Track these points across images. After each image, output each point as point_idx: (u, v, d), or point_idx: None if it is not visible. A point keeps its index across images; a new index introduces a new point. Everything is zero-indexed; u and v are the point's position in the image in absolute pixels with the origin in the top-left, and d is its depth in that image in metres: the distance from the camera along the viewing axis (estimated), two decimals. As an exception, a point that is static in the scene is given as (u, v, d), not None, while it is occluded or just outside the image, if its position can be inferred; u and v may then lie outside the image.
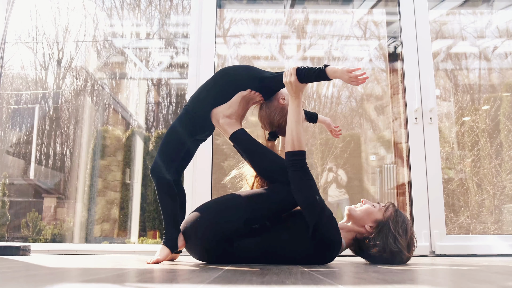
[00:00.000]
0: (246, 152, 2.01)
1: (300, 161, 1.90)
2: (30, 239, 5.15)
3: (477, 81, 4.54)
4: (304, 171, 1.90)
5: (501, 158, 4.26)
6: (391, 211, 2.00)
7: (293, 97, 1.92)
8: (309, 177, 1.89)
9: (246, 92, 2.04)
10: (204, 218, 1.89)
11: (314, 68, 1.88)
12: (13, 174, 5.57)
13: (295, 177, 1.89)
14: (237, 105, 2.04)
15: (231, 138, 2.03)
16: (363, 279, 1.18)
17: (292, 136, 1.92)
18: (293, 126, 1.93)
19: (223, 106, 2.05)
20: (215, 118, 2.05)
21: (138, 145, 5.61)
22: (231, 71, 2.14)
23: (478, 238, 3.20)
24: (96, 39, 5.61)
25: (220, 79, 2.11)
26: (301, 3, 3.79)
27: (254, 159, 2.00)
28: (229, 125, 2.02)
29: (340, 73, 1.83)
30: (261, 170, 2.00)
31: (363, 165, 4.66)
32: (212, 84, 2.11)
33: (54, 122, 5.95)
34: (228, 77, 2.10)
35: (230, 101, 2.05)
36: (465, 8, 3.91)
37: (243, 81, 2.06)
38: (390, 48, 3.70)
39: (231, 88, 2.06)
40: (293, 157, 1.91)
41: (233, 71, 2.14)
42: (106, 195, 5.39)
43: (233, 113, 2.04)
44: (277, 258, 1.92)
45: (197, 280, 1.13)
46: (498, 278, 1.23)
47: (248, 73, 2.09)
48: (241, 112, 2.07)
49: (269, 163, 1.97)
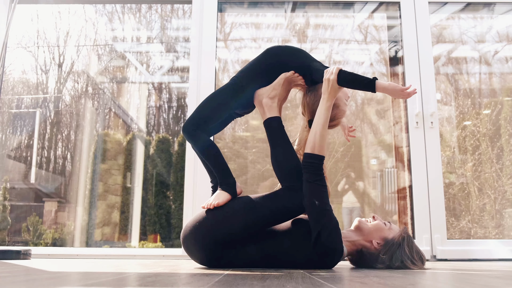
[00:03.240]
0: (270, 141, 2.01)
1: (317, 165, 1.90)
2: (30, 243, 5.15)
3: (477, 86, 4.54)
4: (319, 175, 1.89)
5: (502, 163, 4.25)
6: (403, 234, 1.96)
7: (326, 98, 1.92)
8: (322, 183, 1.89)
9: (289, 73, 2.06)
10: (204, 222, 1.89)
11: (361, 76, 1.89)
12: (14, 178, 5.57)
13: (308, 180, 1.88)
14: (280, 87, 2.05)
15: (265, 123, 2.03)
16: (365, 284, 1.18)
17: (315, 138, 1.91)
18: (318, 128, 1.91)
19: (267, 88, 2.06)
20: (258, 98, 2.07)
21: (139, 149, 5.61)
22: (278, 50, 2.14)
23: (479, 243, 3.19)
24: (97, 43, 5.63)
25: (269, 57, 2.12)
26: (302, 7, 3.79)
27: (275, 150, 1.99)
28: (269, 108, 2.03)
29: (391, 90, 1.87)
30: (275, 164, 1.98)
31: (364, 169, 4.66)
32: (260, 60, 2.12)
33: (55, 126, 5.96)
34: (277, 57, 2.11)
35: (273, 83, 2.06)
36: (465, 12, 3.92)
37: (291, 63, 2.07)
38: (391, 52, 3.71)
39: (278, 68, 2.08)
40: (310, 160, 1.90)
41: (280, 50, 2.15)
42: (106, 199, 5.39)
43: (276, 95, 2.05)
44: (277, 263, 1.91)
45: (198, 284, 1.13)
46: (499, 283, 1.23)
47: (297, 56, 2.10)
48: (284, 94, 2.08)
49: (285, 162, 1.95)
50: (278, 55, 2.12)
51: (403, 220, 3.37)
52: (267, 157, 4.19)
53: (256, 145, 4.31)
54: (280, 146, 1.98)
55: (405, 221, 3.32)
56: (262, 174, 4.20)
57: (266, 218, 1.87)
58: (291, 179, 1.92)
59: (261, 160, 4.25)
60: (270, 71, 2.08)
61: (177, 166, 5.60)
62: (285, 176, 1.94)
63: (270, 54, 2.14)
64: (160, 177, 5.60)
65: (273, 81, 2.07)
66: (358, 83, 1.89)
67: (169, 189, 5.59)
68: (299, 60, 2.09)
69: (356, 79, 1.89)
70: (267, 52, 2.15)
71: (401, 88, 1.85)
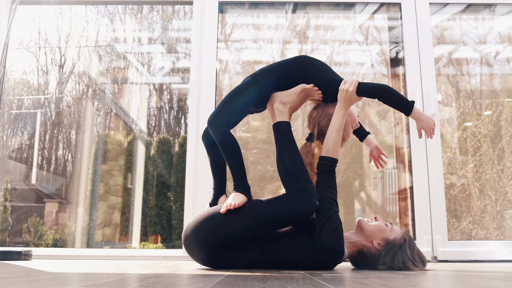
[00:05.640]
0: (277, 144, 2.02)
1: (329, 166, 1.95)
2: (31, 244, 5.15)
3: (478, 87, 4.54)
4: (329, 176, 1.93)
5: (503, 164, 4.25)
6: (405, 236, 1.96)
7: (341, 106, 1.97)
8: (331, 184, 1.92)
9: (309, 86, 2.06)
10: (206, 222, 1.89)
11: (399, 94, 1.96)
12: (15, 179, 5.57)
13: (318, 180, 1.93)
14: (295, 96, 2.05)
15: (274, 126, 2.05)
16: (365, 285, 1.18)
17: (329, 143, 1.97)
18: (332, 134, 1.97)
19: (283, 93, 2.07)
20: (271, 100, 2.08)
21: (140, 150, 5.62)
22: (308, 61, 2.14)
23: (480, 244, 3.19)
24: (98, 44, 5.63)
25: (293, 64, 2.12)
26: (303, 8, 3.79)
27: (281, 154, 1.99)
28: (280, 112, 2.04)
29: (426, 118, 1.95)
30: (280, 167, 1.99)
31: (365, 170, 4.66)
32: (286, 65, 2.12)
33: (56, 127, 5.96)
34: (303, 65, 2.11)
35: (291, 89, 2.07)
36: (466, 13, 3.91)
37: (315, 76, 2.08)
38: (392, 53, 3.71)
39: (299, 77, 2.08)
40: (323, 161, 1.96)
41: (311, 61, 2.14)
42: (107, 200, 5.39)
43: (289, 101, 2.05)
44: (279, 265, 1.91)
45: (198, 285, 1.13)
46: (500, 284, 1.22)
47: (323, 72, 2.10)
48: (297, 103, 2.08)
49: (291, 166, 1.96)
50: (305, 64, 2.12)
51: (404, 221, 3.36)
52: (268, 158, 4.19)
53: (257, 146, 4.31)
54: (286, 150, 1.99)
55: (406, 222, 3.31)
56: (263, 175, 4.20)
57: (266, 223, 1.86)
58: (295, 183, 1.91)
59: (262, 161, 4.25)
60: (292, 77, 2.08)
61: (177, 167, 5.60)
62: (289, 180, 1.94)
63: (298, 61, 2.14)
64: (161, 178, 5.61)
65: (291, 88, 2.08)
66: (393, 98, 1.96)
67: (170, 190, 5.59)
68: (324, 76, 2.09)
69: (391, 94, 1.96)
70: (296, 59, 2.15)
71: (433, 121, 1.94)
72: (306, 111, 4.49)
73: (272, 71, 2.11)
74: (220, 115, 1.96)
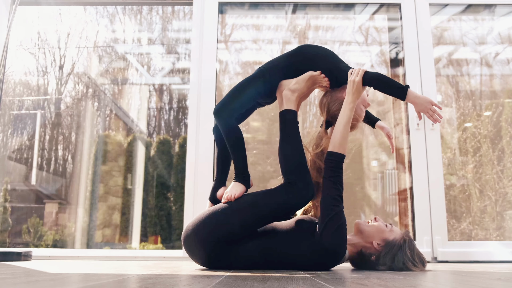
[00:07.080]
0: (281, 132, 2.03)
1: (336, 162, 1.93)
2: (31, 244, 5.15)
3: (478, 87, 4.53)
4: (335, 173, 1.92)
5: (503, 164, 4.25)
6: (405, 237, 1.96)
7: (349, 99, 1.96)
8: (336, 180, 1.91)
9: (316, 73, 2.07)
10: (206, 221, 1.90)
11: (393, 80, 1.95)
12: (15, 180, 5.57)
13: (324, 176, 1.93)
14: (303, 83, 2.06)
15: (280, 114, 2.05)
16: (365, 285, 1.18)
17: (336, 137, 1.96)
18: (340, 128, 1.96)
19: (291, 80, 2.08)
20: (280, 88, 2.09)
21: (140, 150, 5.61)
22: (311, 50, 2.16)
23: (480, 245, 3.19)
24: (98, 45, 5.63)
25: (299, 54, 2.14)
26: (303, 9, 3.80)
27: (284, 143, 2.01)
28: (288, 100, 2.05)
29: (422, 100, 1.91)
30: (281, 156, 2.00)
31: (365, 171, 4.65)
32: (290, 56, 2.14)
33: (56, 127, 5.96)
34: (307, 54, 2.13)
35: (298, 77, 2.08)
36: (466, 14, 3.91)
37: (320, 63, 2.09)
38: (391, 54, 3.71)
39: (305, 65, 2.09)
40: (330, 157, 1.95)
41: (314, 50, 2.16)
42: (107, 200, 5.39)
43: (297, 89, 2.06)
44: (279, 264, 1.91)
45: (198, 286, 1.13)
46: (500, 285, 1.22)
47: (328, 59, 2.11)
48: (305, 91, 2.09)
49: (291, 156, 1.97)
50: (309, 53, 2.14)
51: (404, 222, 3.36)
52: (267, 159, 4.19)
53: (256, 147, 4.31)
54: (289, 139, 2.00)
55: (406, 222, 3.31)
56: (263, 176, 4.20)
57: (265, 215, 1.89)
58: (294, 174, 1.94)
59: (262, 161, 4.24)
60: (298, 66, 2.10)
61: (177, 168, 5.60)
62: (289, 170, 1.96)
63: (302, 50, 2.16)
64: (160, 178, 5.60)
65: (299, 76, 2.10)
66: (388, 86, 1.95)
67: (170, 190, 5.59)
68: (329, 63, 2.10)
69: (385, 82, 1.95)
70: (299, 49, 2.17)
71: (431, 101, 1.90)
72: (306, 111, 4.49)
73: (277, 62, 2.13)
74: (225, 105, 2.01)
